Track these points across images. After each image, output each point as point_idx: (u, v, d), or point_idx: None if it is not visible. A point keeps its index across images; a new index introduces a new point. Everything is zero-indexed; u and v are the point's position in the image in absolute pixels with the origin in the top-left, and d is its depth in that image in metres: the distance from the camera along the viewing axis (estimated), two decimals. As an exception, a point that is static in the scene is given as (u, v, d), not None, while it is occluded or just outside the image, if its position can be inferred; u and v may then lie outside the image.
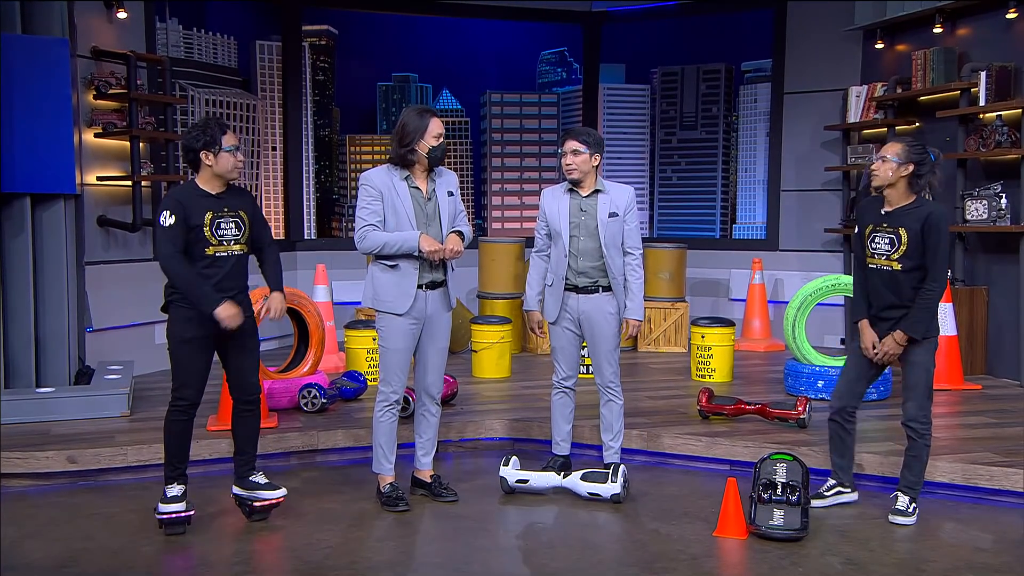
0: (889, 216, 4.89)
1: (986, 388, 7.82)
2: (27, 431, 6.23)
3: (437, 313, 5.24)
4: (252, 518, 5.01)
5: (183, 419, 4.82)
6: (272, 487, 5.00)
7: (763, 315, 10.05)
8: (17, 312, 6.92)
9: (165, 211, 4.64)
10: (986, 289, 8.34)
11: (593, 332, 5.57)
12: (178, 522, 4.79)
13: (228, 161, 4.73)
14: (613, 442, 5.72)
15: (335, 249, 10.46)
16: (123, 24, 8.18)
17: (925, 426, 4.97)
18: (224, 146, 4.70)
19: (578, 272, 5.50)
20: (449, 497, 5.39)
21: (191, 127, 4.78)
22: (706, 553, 4.64)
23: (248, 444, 5.02)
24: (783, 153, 10.52)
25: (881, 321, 5.00)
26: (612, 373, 5.62)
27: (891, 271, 4.89)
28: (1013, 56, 8.08)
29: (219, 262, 4.75)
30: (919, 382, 4.95)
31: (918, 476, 5.05)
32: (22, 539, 4.80)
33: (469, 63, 12.02)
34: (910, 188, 4.86)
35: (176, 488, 4.79)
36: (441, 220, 5.18)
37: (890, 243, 4.87)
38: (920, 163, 4.81)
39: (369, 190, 5.09)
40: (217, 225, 4.73)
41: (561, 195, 5.54)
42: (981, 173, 8.36)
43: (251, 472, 5.00)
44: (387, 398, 5.22)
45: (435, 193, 5.18)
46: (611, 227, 5.47)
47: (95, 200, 7.93)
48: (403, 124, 5.07)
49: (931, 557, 4.59)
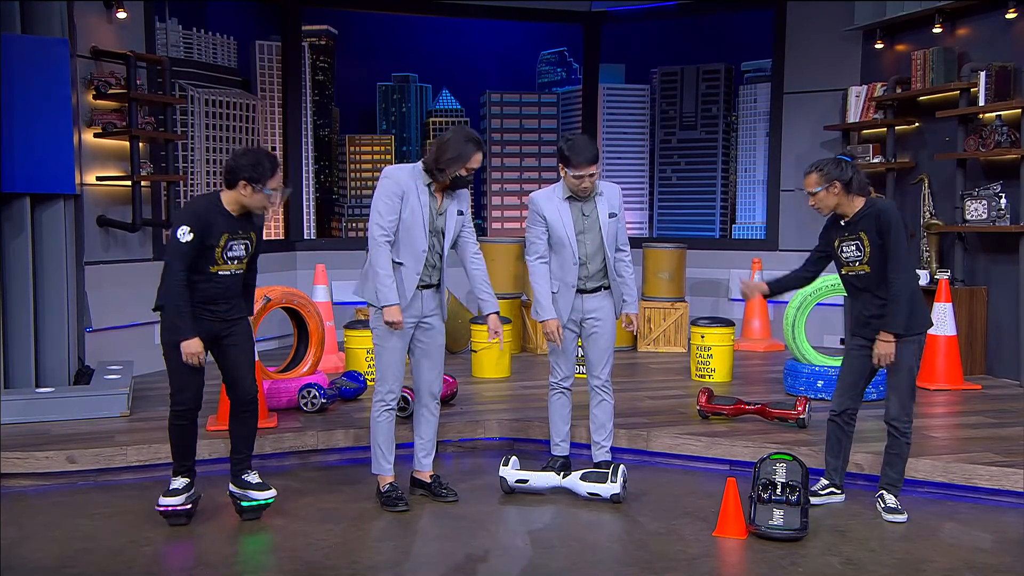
0: (849, 225, 5.08)
1: (986, 388, 7.83)
2: (27, 431, 6.23)
3: (432, 311, 5.29)
4: (243, 517, 5.04)
5: (183, 423, 4.87)
6: (263, 487, 5.03)
7: (763, 315, 10.06)
8: (17, 312, 6.92)
9: (185, 226, 4.63)
10: (986, 289, 8.35)
11: (596, 331, 5.59)
12: (177, 515, 4.87)
13: (261, 200, 4.76)
14: (605, 442, 5.76)
15: (335, 249, 10.46)
16: (123, 24, 8.19)
17: (907, 424, 5.05)
18: (266, 188, 4.73)
19: (588, 277, 5.54)
20: (449, 497, 5.39)
21: (245, 151, 4.80)
22: (706, 553, 4.65)
23: (243, 444, 5.05)
24: (783, 153, 10.53)
25: (867, 326, 5.10)
26: (608, 372, 5.67)
27: (865, 274, 5.04)
28: (1013, 56, 8.09)
29: (218, 279, 4.79)
30: (902, 382, 5.03)
31: (900, 473, 5.15)
32: (22, 539, 4.81)
33: (469, 63, 12.03)
34: (852, 196, 5.03)
35: (180, 481, 4.88)
36: (445, 236, 5.24)
37: (856, 248, 5.04)
38: (841, 175, 4.98)
39: (392, 186, 5.10)
40: (229, 247, 4.77)
41: (560, 202, 5.51)
42: (981, 173, 8.36)
43: (245, 471, 5.03)
44: (383, 398, 5.24)
45: (447, 211, 5.23)
46: (611, 227, 5.52)
47: (95, 200, 7.93)
48: (448, 144, 5.08)
49: (931, 557, 4.60)
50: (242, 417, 5.02)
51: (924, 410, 7.03)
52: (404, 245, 5.14)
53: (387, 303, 5.06)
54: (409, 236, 5.12)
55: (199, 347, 4.71)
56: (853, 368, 5.20)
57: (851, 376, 5.21)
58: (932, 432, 6.35)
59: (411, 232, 5.11)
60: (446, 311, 5.41)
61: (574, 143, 5.38)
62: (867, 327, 5.10)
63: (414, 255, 5.14)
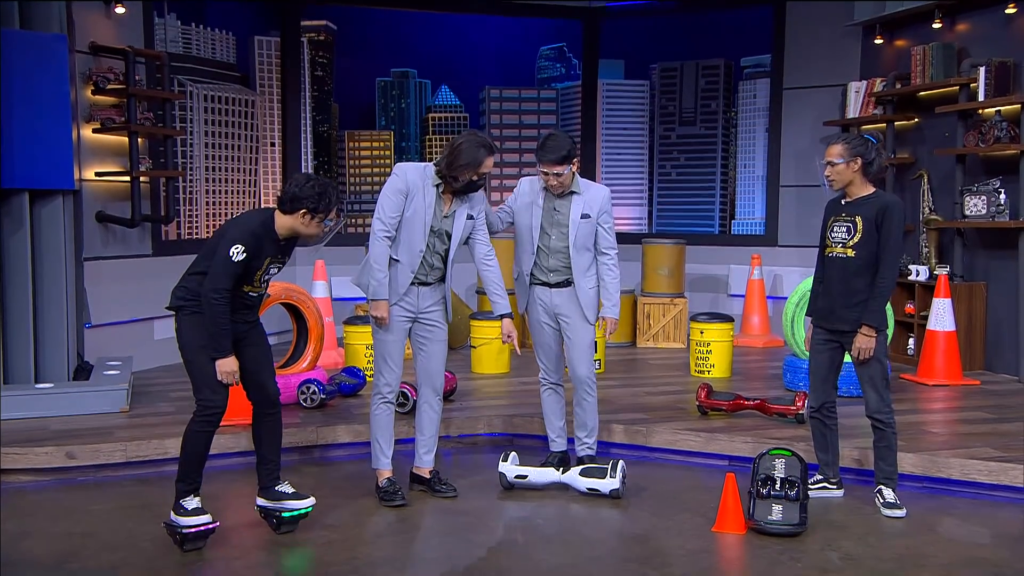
0: (848, 205, 5.11)
1: (984, 384, 7.84)
2: (26, 427, 6.24)
3: (429, 306, 5.30)
4: (280, 530, 4.81)
5: (210, 430, 4.63)
6: (300, 496, 4.82)
7: (762, 311, 10.09)
8: (16, 308, 6.93)
9: (241, 245, 4.48)
10: (985, 285, 8.36)
11: (570, 326, 5.60)
12: (202, 535, 4.58)
13: (317, 230, 4.70)
14: (588, 438, 5.75)
15: (334, 245, 10.44)
16: (121, 20, 8.19)
17: (889, 415, 5.09)
18: (327, 219, 4.69)
19: (548, 269, 5.56)
20: (448, 493, 5.41)
21: (308, 179, 4.64)
22: (705, 548, 4.67)
23: (273, 451, 4.85)
24: (782, 149, 10.55)
25: (830, 315, 5.14)
26: (588, 369, 5.62)
27: (846, 258, 5.05)
28: (1012, 52, 8.09)
29: (248, 298, 4.71)
30: (876, 374, 5.07)
31: (893, 465, 5.16)
32: (22, 534, 4.82)
33: (468, 59, 12.02)
34: (866, 180, 5.08)
35: (195, 500, 4.60)
36: (452, 239, 5.25)
37: (847, 231, 5.06)
38: (864, 153, 5.01)
39: (398, 183, 5.13)
40: (268, 270, 4.70)
41: (538, 191, 5.55)
42: (980, 168, 8.37)
43: (276, 481, 4.84)
44: (380, 390, 5.27)
45: (455, 213, 5.24)
46: (582, 228, 5.50)
47: (94, 196, 7.94)
48: (460, 149, 5.08)
49: (929, 552, 4.62)
50: (268, 420, 4.84)
51: (923, 405, 7.09)
52: (403, 243, 5.16)
53: (375, 297, 5.12)
54: (409, 235, 5.15)
55: (235, 366, 4.59)
56: (822, 363, 5.26)
57: (821, 371, 5.27)
58: (930, 427, 6.36)
59: (411, 231, 5.14)
60: (451, 312, 5.41)
61: (547, 140, 5.39)
62: (830, 317, 5.13)
63: (410, 253, 5.17)
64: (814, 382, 5.30)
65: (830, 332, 5.18)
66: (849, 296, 5.04)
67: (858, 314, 5.01)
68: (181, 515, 4.56)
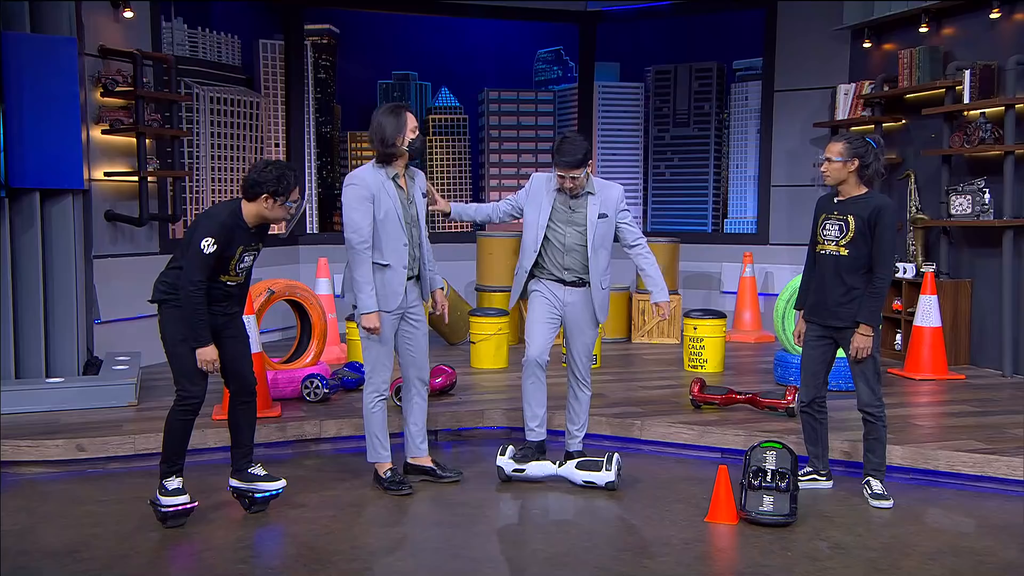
0: (841, 204, 5.15)
1: (970, 378, 7.92)
2: (37, 420, 6.32)
3: (414, 301, 5.37)
4: (251, 510, 5.02)
5: (189, 418, 4.83)
6: (271, 478, 5.04)
7: (754, 307, 10.14)
8: (27, 304, 6.99)
9: (210, 237, 4.62)
10: (970, 282, 8.44)
11: (578, 325, 5.62)
12: (182, 514, 4.80)
13: (282, 213, 4.81)
14: (579, 431, 5.80)
15: (337, 243, 10.49)
16: (129, 23, 8.24)
17: (880, 409, 5.14)
18: (288, 200, 4.78)
19: (564, 267, 5.55)
20: (454, 476, 5.49)
21: (267, 164, 4.78)
22: (698, 538, 4.73)
23: (247, 435, 5.05)
24: (773, 149, 10.61)
25: (823, 311, 5.20)
26: (588, 367, 5.71)
27: (837, 256, 5.10)
28: (996, 55, 8.16)
29: (226, 287, 4.84)
30: (868, 369, 5.13)
31: (882, 458, 5.22)
32: (33, 525, 4.88)
33: (467, 61, 12.04)
34: (860, 180, 5.13)
35: (176, 481, 4.80)
36: (419, 223, 5.31)
37: (839, 229, 5.11)
38: (863, 156, 5.07)
39: (360, 191, 5.12)
40: (242, 259, 4.81)
41: (550, 190, 5.52)
42: (965, 169, 8.45)
43: (249, 464, 5.04)
44: (377, 388, 5.32)
45: (414, 197, 5.28)
46: (600, 228, 5.51)
47: (102, 195, 8.00)
48: (380, 125, 5.13)
49: (915, 541, 4.68)
50: (243, 408, 5.03)
51: (909, 399, 7.15)
52: (385, 244, 5.17)
53: (365, 310, 5.14)
54: (388, 235, 5.16)
55: (215, 354, 4.74)
56: (814, 358, 5.31)
57: (813, 366, 5.32)
58: (917, 420, 6.43)
59: (388, 230, 5.15)
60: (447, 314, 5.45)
61: (563, 144, 5.37)
62: (823, 313, 5.18)
63: (397, 251, 5.19)
64: (805, 377, 5.34)
65: (823, 328, 5.23)
66: (842, 293, 5.09)
67: (851, 310, 5.07)
68: (163, 495, 4.79)
